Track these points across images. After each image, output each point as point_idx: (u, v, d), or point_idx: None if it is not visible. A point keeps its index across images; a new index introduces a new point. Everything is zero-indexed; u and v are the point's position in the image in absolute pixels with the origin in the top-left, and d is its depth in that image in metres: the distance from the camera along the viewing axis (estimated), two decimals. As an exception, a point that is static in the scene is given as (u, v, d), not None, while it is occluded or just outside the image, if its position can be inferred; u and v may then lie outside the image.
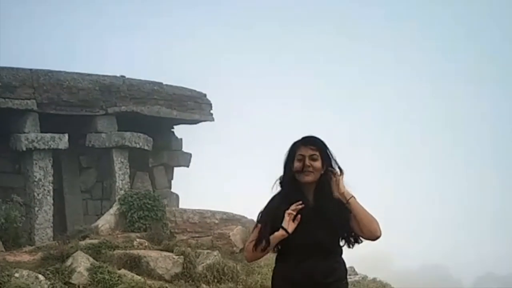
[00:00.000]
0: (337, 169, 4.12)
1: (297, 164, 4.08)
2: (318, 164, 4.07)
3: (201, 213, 14.17)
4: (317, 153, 4.08)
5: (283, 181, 4.16)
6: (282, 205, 4.03)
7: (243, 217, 14.36)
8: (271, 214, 4.06)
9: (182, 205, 17.50)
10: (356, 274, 13.59)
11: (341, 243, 4.14)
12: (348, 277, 4.25)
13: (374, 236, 4.02)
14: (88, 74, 15.66)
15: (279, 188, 4.22)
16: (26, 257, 11.32)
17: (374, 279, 13.42)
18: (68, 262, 10.17)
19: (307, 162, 4.05)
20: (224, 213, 14.38)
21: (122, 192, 14.99)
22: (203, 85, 18.53)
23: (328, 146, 4.16)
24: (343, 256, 4.19)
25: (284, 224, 3.93)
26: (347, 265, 4.27)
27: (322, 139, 4.17)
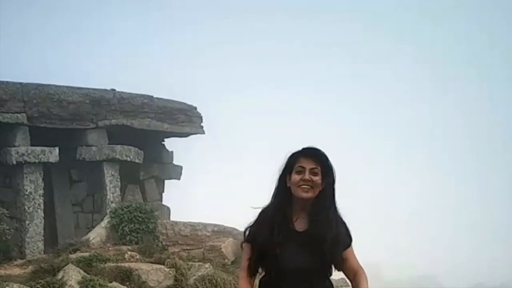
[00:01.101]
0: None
1: (295, 177, 3.68)
2: (318, 179, 3.68)
3: (192, 226, 14.17)
4: (319, 168, 3.69)
5: (275, 194, 3.79)
6: (278, 222, 3.70)
7: (234, 229, 14.35)
8: (262, 233, 3.72)
9: (173, 217, 17.50)
10: (348, 285, 13.59)
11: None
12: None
13: None
14: (78, 88, 15.65)
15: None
16: (17, 271, 11.29)
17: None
18: (59, 275, 10.15)
19: (307, 176, 3.67)
20: (216, 225, 14.38)
21: (113, 205, 14.97)
22: (193, 98, 18.57)
23: (330, 159, 3.77)
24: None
25: None
26: (339, 277, 4.12)
27: (324, 151, 3.78)
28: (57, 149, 14.70)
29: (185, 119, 17.60)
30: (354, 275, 3.85)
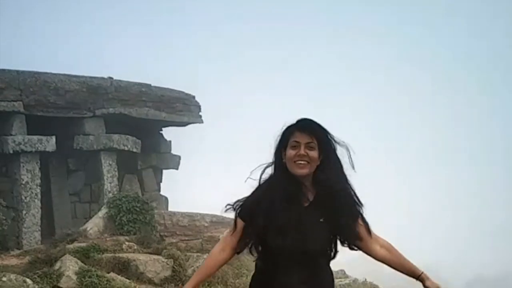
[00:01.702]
0: (336, 158, 3.50)
1: (290, 152, 3.45)
2: (314, 154, 3.44)
3: (190, 216, 14.07)
4: (315, 141, 3.44)
5: (274, 170, 3.55)
6: (279, 199, 3.42)
7: (233, 219, 14.23)
8: (260, 210, 3.45)
9: (171, 208, 17.40)
10: (347, 277, 13.51)
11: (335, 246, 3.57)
12: (338, 280, 3.98)
13: None
14: (75, 76, 15.53)
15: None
16: (13, 261, 11.20)
17: (364, 281, 13.34)
18: (56, 266, 10.04)
19: (303, 151, 3.43)
20: (214, 216, 14.27)
21: (111, 195, 14.86)
22: (191, 86, 18.44)
23: (329, 131, 3.53)
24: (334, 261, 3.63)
25: None
26: (338, 268, 3.91)
27: (322, 123, 3.53)
28: (54, 138, 14.58)
29: (183, 108, 17.48)
30: (381, 247, 3.69)
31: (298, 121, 3.53)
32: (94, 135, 15.51)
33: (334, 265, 3.69)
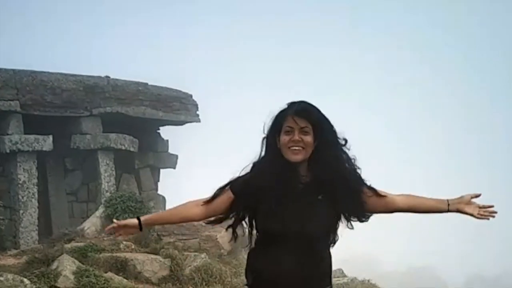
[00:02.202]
0: (339, 141, 3.40)
1: (284, 138, 3.32)
2: (309, 138, 3.31)
3: (188, 215, 14.01)
4: (309, 126, 3.31)
5: (266, 155, 3.42)
6: (273, 183, 3.30)
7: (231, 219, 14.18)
8: (255, 190, 3.33)
9: (169, 207, 17.31)
10: (345, 276, 13.46)
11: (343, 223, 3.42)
12: (336, 279, 3.84)
13: None
14: (72, 75, 15.48)
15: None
16: (11, 261, 11.17)
17: (363, 281, 13.30)
18: (54, 266, 10.00)
19: (297, 136, 3.30)
20: (211, 215, 14.20)
21: (108, 194, 14.84)
22: (189, 85, 18.40)
23: (325, 115, 3.41)
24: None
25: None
26: (335, 268, 3.77)
27: (317, 106, 3.40)
28: (51, 137, 14.53)
29: (181, 107, 17.44)
30: (399, 195, 3.60)
31: (292, 105, 3.40)
32: (91, 134, 15.47)
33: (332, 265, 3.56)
